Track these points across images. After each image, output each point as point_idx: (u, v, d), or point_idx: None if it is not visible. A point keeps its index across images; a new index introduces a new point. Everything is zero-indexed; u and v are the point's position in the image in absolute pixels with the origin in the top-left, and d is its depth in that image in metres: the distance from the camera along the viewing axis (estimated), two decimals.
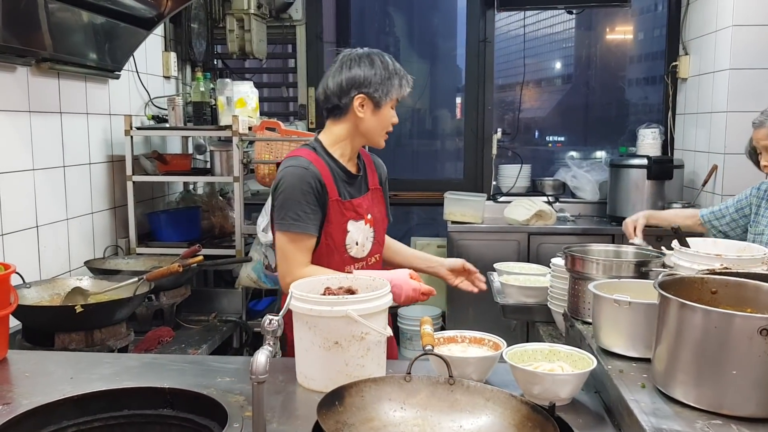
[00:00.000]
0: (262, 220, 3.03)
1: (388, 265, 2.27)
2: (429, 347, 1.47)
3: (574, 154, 5.14)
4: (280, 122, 3.25)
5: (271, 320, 1.30)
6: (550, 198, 4.37)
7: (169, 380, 1.63)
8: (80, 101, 3.06)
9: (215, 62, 4.51)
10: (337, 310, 1.51)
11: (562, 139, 5.42)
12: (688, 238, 1.96)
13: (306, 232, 1.96)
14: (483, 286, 2.24)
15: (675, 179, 3.99)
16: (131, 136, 3.26)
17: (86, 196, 3.12)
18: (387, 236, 2.30)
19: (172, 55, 3.96)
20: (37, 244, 2.74)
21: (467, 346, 1.71)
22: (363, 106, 2.01)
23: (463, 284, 2.22)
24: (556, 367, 1.54)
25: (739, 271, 1.59)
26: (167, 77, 3.95)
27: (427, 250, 3.92)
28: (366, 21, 5.50)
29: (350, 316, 1.50)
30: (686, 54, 4.22)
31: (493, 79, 4.70)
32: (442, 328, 4.19)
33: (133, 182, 3.30)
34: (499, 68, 4.79)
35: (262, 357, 1.20)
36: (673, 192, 4.01)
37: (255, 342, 3.19)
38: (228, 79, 3.52)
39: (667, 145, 4.40)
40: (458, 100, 5.28)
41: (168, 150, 3.86)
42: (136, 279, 2.52)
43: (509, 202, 4.26)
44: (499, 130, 4.53)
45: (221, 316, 3.14)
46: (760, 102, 3.38)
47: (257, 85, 3.57)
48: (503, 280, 2.56)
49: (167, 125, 3.48)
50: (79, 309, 2.18)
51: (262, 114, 3.63)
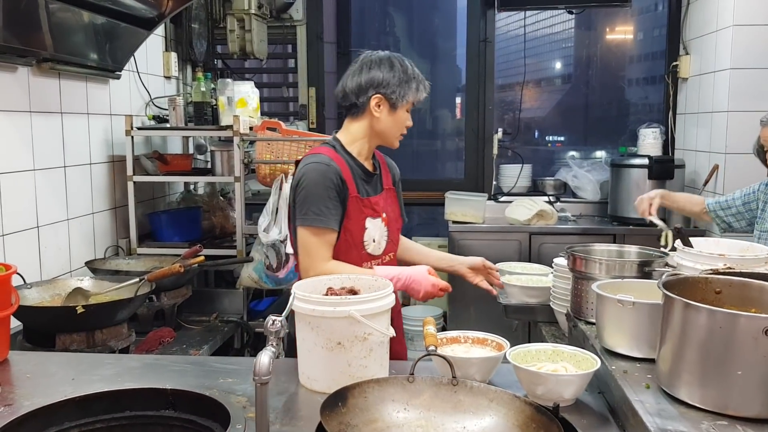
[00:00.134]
0: (264, 220, 3.02)
1: (407, 264, 2.28)
2: (432, 348, 1.48)
3: (574, 153, 5.13)
4: (281, 122, 3.25)
5: (273, 321, 1.30)
6: (551, 198, 4.37)
7: (170, 381, 1.63)
8: (81, 101, 3.06)
9: (216, 62, 4.51)
10: (339, 310, 1.51)
11: (563, 138, 5.42)
12: (691, 238, 1.96)
13: (328, 227, 1.98)
14: (500, 284, 2.35)
15: (676, 179, 3.99)
16: (132, 136, 3.26)
17: (87, 197, 3.11)
18: (404, 237, 2.33)
19: (173, 55, 3.96)
20: (38, 244, 2.73)
21: (470, 347, 1.70)
22: (379, 106, 2.04)
23: (483, 283, 2.26)
24: (559, 367, 1.53)
25: (742, 270, 1.59)
26: (168, 77, 3.95)
27: None
28: (366, 21, 5.50)
29: (353, 317, 1.50)
30: (687, 54, 4.21)
31: (494, 79, 4.71)
32: (444, 329, 4.18)
33: (134, 182, 3.30)
34: (499, 68, 4.79)
35: (265, 358, 1.20)
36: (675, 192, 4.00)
37: (256, 342, 3.19)
38: (229, 79, 3.52)
39: (668, 144, 4.39)
40: (458, 100, 5.28)
41: (169, 150, 3.86)
42: (137, 279, 2.52)
43: (510, 202, 4.26)
44: (500, 129, 4.53)
45: (222, 317, 3.14)
46: (761, 101, 3.39)
47: (257, 85, 3.58)
48: (505, 280, 2.55)
49: (168, 125, 3.48)
50: (80, 310, 2.18)
51: (262, 114, 3.63)
